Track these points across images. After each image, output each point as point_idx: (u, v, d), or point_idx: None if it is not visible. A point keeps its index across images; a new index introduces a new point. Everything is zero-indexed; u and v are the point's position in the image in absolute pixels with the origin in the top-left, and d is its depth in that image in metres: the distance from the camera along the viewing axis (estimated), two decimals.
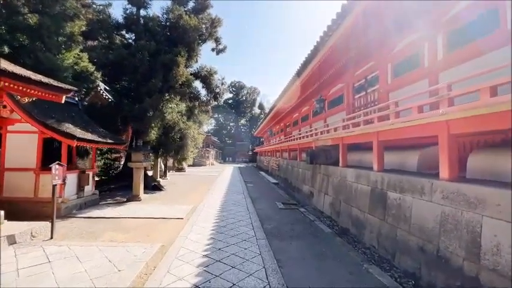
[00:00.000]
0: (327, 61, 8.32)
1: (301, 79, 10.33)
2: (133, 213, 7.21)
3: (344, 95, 9.88)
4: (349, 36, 6.74)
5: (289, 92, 12.69)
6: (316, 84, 10.78)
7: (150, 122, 10.83)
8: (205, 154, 39.39)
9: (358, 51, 7.67)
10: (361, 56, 7.97)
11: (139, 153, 9.38)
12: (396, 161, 5.70)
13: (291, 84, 11.65)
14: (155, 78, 10.95)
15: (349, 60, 8.25)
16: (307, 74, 9.62)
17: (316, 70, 9.14)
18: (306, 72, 9.52)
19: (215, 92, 13.57)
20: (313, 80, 10.31)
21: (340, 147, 7.33)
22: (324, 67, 8.84)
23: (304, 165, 10.93)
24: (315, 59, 8.33)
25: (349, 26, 6.09)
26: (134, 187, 9.42)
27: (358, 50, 7.62)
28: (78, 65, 10.95)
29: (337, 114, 10.28)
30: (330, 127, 8.30)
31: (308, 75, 9.71)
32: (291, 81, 11.41)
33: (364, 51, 7.59)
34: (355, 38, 7.04)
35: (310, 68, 9.08)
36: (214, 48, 15.65)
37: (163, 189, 12.31)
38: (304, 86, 11.21)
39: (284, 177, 15.29)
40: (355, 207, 5.92)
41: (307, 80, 10.25)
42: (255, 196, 10.79)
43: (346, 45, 7.36)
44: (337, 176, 7.21)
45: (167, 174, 18.09)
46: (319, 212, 8.09)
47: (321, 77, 9.87)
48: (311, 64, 8.74)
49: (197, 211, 7.58)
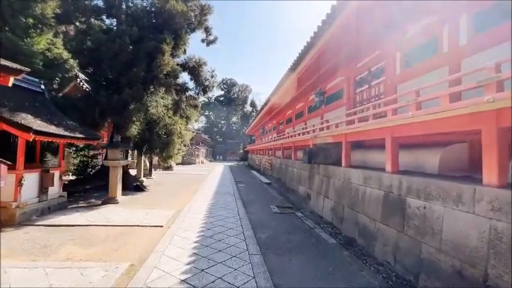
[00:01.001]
0: (326, 52, 7.53)
1: (297, 72, 9.48)
2: (106, 219, 6.19)
3: (344, 89, 9.11)
4: (352, 22, 5.97)
5: (283, 87, 11.85)
6: (313, 78, 9.99)
7: (131, 115, 9.74)
8: (195, 152, 38.19)
9: (362, 40, 6.92)
10: (364, 45, 7.21)
11: (117, 150, 8.32)
12: (409, 160, 4.93)
13: (285, 78, 10.80)
14: (137, 68, 9.87)
15: (350, 50, 7.48)
16: (304, 67, 8.79)
17: (313, 62, 8.32)
18: (302, 64, 8.68)
19: (204, 85, 12.57)
20: (309, 73, 9.49)
21: (342, 145, 6.52)
22: (322, 59, 8.03)
23: (300, 165, 10.12)
24: (313, 49, 7.51)
25: (352, 11, 5.36)
26: (110, 188, 8.36)
27: (361, 38, 6.87)
28: (51, 51, 9.76)
29: (335, 110, 9.50)
30: (331, 123, 7.50)
31: (305, 68, 8.87)
32: (286, 75, 10.56)
33: (368, 39, 6.83)
34: (359, 24, 6.29)
35: (307, 60, 8.27)
36: (205, 39, 14.62)
37: (146, 189, 11.25)
38: (300, 81, 10.37)
39: (277, 177, 14.46)
40: (362, 214, 5.12)
41: (304, 74, 9.41)
42: (247, 198, 9.90)
43: (348, 33, 6.59)
44: (340, 177, 6.41)
45: (153, 173, 16.95)
46: (318, 216, 7.29)
47: (318, 69, 9.07)
48: (308, 55, 7.92)
49: (180, 216, 6.63)
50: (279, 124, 21.15)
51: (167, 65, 10.04)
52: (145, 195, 9.92)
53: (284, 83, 11.41)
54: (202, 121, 66.29)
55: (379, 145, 5.93)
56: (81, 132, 7.15)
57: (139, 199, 9.11)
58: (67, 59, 9.99)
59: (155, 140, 11.65)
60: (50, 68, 9.78)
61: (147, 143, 11.89)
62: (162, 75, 10.04)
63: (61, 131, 6.16)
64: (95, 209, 7.20)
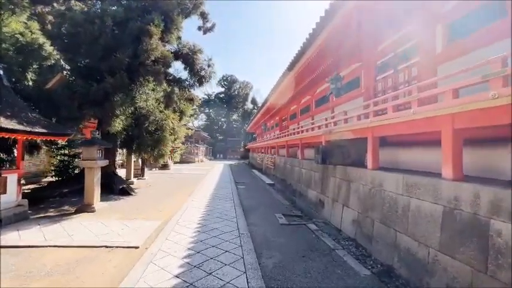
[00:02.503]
0: (342, 31, 6.17)
1: (305, 58, 8.10)
2: (68, 236, 4.86)
3: (361, 77, 7.74)
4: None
5: (288, 79, 10.45)
6: (323, 65, 8.59)
7: (113, 108, 8.39)
8: (194, 150, 36.90)
9: (385, 16, 5.58)
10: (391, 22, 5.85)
11: (93, 148, 6.98)
12: (475, 162, 3.59)
13: (291, 67, 9.43)
14: (120, 53, 8.51)
15: (372, 28, 6.12)
16: (315, 50, 7.40)
17: (326, 45, 6.93)
18: (314, 46, 7.31)
19: (200, 75, 11.18)
20: (320, 60, 8.09)
21: (369, 141, 5.16)
22: (336, 40, 6.66)
23: (309, 165, 8.77)
24: (328, 26, 6.16)
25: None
26: (86, 194, 7.04)
27: (385, 14, 5.53)
28: (25, 36, 8.42)
29: (349, 102, 8.12)
30: (350, 115, 6.15)
31: (316, 52, 7.47)
32: (291, 63, 9.19)
33: (395, 13, 5.48)
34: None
35: (319, 41, 6.91)
36: (201, 26, 13.29)
37: (133, 193, 9.93)
38: (308, 69, 8.95)
39: (281, 178, 13.11)
40: (404, 235, 3.77)
41: (313, 60, 7.99)
42: (248, 203, 8.56)
43: (369, 11, 5.27)
44: (366, 182, 5.05)
45: (146, 173, 15.64)
46: (334, 229, 5.95)
47: (332, 54, 7.69)
48: (321, 35, 6.57)
49: (165, 231, 5.29)
50: (282, 120, 19.81)
51: (155, 49, 8.66)
52: (131, 201, 8.59)
53: (289, 73, 10.03)
54: (203, 119, 64.99)
55: (422, 141, 4.56)
56: (46, 127, 5.81)
57: (122, 206, 7.77)
58: (42, 43, 8.60)
59: (144, 136, 10.32)
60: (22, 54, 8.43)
61: (137, 140, 10.57)
62: (149, 61, 8.67)
63: (11, 124, 4.82)
64: (62, 221, 5.88)
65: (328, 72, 8.82)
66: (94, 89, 8.03)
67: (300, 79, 10.29)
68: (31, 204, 7.63)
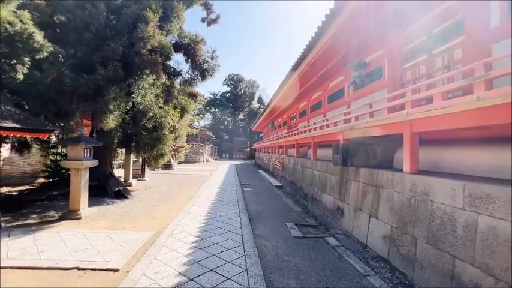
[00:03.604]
0: (362, 13, 5.23)
1: (318, 48, 7.15)
2: (36, 254, 3.99)
3: (384, 67, 6.70)
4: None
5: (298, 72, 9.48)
6: (338, 56, 7.60)
7: (106, 103, 7.56)
8: (199, 150, 36.17)
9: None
10: None
11: (78, 146, 6.14)
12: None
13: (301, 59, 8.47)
14: (114, 42, 7.68)
15: (397, 9, 5.14)
16: (328, 41, 6.46)
17: (341, 32, 5.96)
18: (326, 37, 6.37)
19: (202, 68, 10.26)
20: (334, 49, 7.08)
21: (406, 138, 4.16)
22: (355, 24, 5.68)
23: (324, 166, 7.77)
24: (346, 8, 5.23)
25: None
26: (71, 199, 6.21)
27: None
28: (13, 26, 7.68)
29: (370, 95, 7.09)
30: (377, 107, 5.16)
31: (330, 41, 6.49)
32: (302, 55, 8.23)
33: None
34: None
35: (332, 31, 5.98)
36: (205, 18, 12.40)
37: (129, 196, 9.10)
38: (321, 60, 7.91)
39: (291, 180, 12.12)
40: (471, 265, 2.76)
41: (327, 50, 6.99)
42: (255, 209, 7.62)
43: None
44: (402, 189, 4.05)
45: (147, 174, 14.88)
46: (357, 243, 4.96)
47: (348, 43, 6.68)
48: (337, 20, 5.64)
49: (155, 247, 4.39)
50: (290, 119, 18.82)
51: (152, 37, 7.80)
52: (124, 205, 7.73)
53: (299, 67, 9.07)
54: (208, 118, 64.46)
55: (488, 137, 3.53)
56: (20, 122, 4.99)
57: (113, 212, 6.92)
58: (32, 32, 7.82)
59: (142, 134, 9.50)
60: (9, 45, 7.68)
61: (135, 137, 9.76)
62: (145, 50, 7.81)
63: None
64: (38, 231, 5.04)
65: (344, 63, 7.83)
66: (83, 81, 7.20)
67: (310, 73, 9.33)
68: (14, 209, 6.90)
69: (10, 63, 7.57)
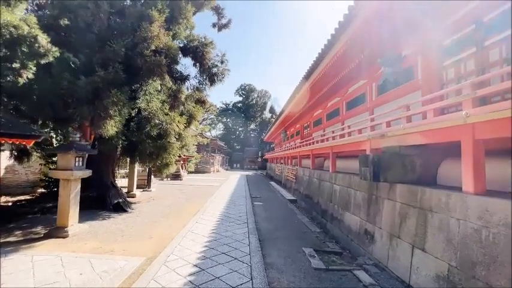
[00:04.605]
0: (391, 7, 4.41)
1: (338, 48, 6.34)
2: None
3: (418, 66, 5.75)
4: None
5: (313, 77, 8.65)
6: (360, 56, 6.73)
7: (106, 107, 6.95)
8: (210, 160, 35.55)
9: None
10: None
11: (69, 154, 5.47)
12: None
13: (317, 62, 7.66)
14: (116, 43, 7.15)
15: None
16: (352, 36, 5.61)
17: (367, 25, 5.11)
18: (349, 32, 5.53)
19: (211, 73, 9.64)
20: (356, 49, 6.20)
21: (466, 148, 3.16)
22: (382, 18, 4.82)
23: (346, 180, 6.75)
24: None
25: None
26: (59, 214, 5.50)
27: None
28: (18, 29, 7.33)
29: (398, 99, 6.11)
30: (418, 110, 4.22)
31: (351, 39, 5.67)
32: (319, 57, 7.44)
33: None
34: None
35: (357, 24, 5.16)
36: (216, 23, 11.94)
37: (128, 209, 8.35)
38: (341, 61, 7.03)
39: (305, 194, 11.08)
40: None
41: (348, 49, 6.13)
42: (266, 228, 6.65)
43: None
44: (463, 214, 3.02)
45: (154, 184, 14.21)
46: (397, 280, 3.89)
47: (372, 39, 5.81)
48: (363, 11, 4.82)
49: (141, 282, 3.51)
50: (304, 128, 17.88)
51: (156, 37, 7.21)
52: (121, 220, 6.96)
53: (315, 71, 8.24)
54: (220, 128, 64.33)
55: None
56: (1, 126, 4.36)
57: (106, 228, 6.14)
58: (35, 35, 7.41)
59: (145, 142, 8.82)
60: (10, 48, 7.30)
61: (140, 145, 9.10)
62: (149, 51, 7.22)
63: None
64: (11, 254, 4.29)
65: (365, 64, 6.96)
66: (81, 83, 6.63)
67: (327, 77, 8.48)
68: (4, 223, 6.28)
69: (11, 67, 7.16)
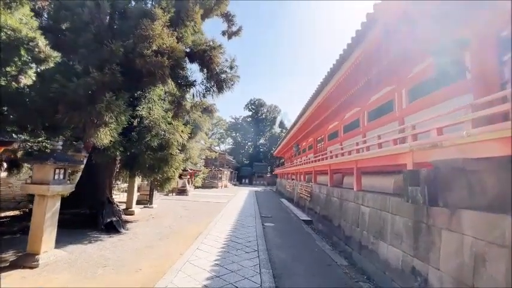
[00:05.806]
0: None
1: (360, 51, 5.39)
2: None
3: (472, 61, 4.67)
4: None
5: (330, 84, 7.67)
6: (388, 57, 5.71)
7: (99, 112, 6.14)
8: (218, 175, 34.56)
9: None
10: None
11: (46, 165, 4.57)
12: None
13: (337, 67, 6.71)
14: (115, 43, 6.46)
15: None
16: (378, 34, 4.64)
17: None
18: (374, 32, 4.57)
19: (219, 79, 8.84)
20: (383, 49, 5.19)
21: None
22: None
23: (378, 201, 5.53)
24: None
25: None
26: (31, 237, 4.53)
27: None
28: (17, 32, 6.80)
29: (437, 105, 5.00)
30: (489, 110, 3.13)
31: (379, 37, 4.68)
32: (340, 60, 6.50)
33: None
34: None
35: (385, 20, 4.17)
36: (226, 30, 11.41)
37: (122, 230, 7.33)
38: (364, 65, 5.98)
39: (322, 215, 9.80)
40: None
41: (374, 51, 5.13)
42: (280, 260, 5.45)
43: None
44: None
45: (156, 200, 13.20)
46: None
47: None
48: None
49: None
50: (317, 142, 16.73)
51: (158, 36, 6.50)
52: (109, 244, 5.91)
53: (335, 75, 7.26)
54: (229, 143, 63.80)
55: None
56: None
57: (88, 256, 5.10)
58: (32, 38, 6.81)
59: (144, 154, 7.93)
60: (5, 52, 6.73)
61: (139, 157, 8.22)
62: (150, 51, 6.48)
63: None
64: None
65: (392, 69, 5.98)
66: (73, 85, 5.88)
67: (347, 84, 7.44)
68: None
69: (5, 71, 6.55)
